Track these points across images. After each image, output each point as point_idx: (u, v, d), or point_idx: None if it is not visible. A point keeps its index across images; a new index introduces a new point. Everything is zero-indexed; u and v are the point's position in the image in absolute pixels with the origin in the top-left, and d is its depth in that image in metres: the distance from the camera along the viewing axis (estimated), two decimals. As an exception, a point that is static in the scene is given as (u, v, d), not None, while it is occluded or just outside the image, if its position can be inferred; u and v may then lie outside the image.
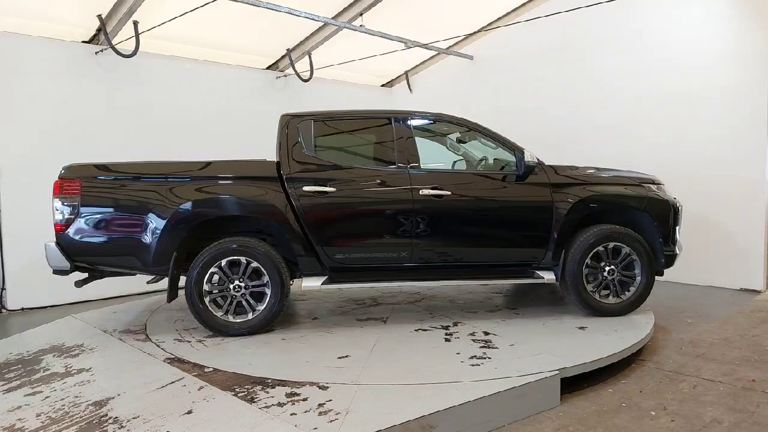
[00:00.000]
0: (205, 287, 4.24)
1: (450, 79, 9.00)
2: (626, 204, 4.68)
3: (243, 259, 4.26)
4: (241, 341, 4.18)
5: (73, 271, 4.34)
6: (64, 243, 4.22)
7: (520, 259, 4.65)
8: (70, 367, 3.77)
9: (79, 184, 4.23)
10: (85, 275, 4.53)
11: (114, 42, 6.21)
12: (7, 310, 5.79)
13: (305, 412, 2.94)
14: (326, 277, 4.43)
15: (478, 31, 8.24)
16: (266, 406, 3.01)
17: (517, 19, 7.84)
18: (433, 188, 4.45)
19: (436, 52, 8.69)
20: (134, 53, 6.34)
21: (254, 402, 3.07)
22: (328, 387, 3.25)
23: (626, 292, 4.63)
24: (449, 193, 4.46)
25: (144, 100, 6.70)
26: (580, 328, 4.31)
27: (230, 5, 6.03)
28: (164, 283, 4.43)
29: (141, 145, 6.58)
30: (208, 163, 4.42)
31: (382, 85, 9.70)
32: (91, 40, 6.37)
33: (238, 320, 4.28)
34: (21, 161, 5.83)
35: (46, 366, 3.83)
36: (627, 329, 4.25)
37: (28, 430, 2.91)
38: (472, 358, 3.68)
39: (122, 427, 2.87)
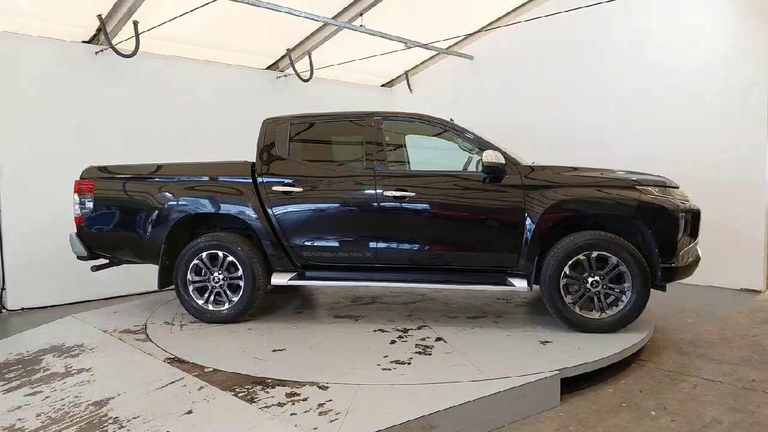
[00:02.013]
0: (189, 277, 4.69)
1: (450, 79, 9.00)
2: (607, 208, 4.21)
3: (220, 253, 4.64)
4: (213, 328, 4.57)
5: (91, 258, 4.94)
6: (81, 233, 4.87)
7: (491, 264, 4.42)
8: (70, 367, 3.77)
9: (92, 184, 4.86)
10: (104, 261, 5.07)
11: (114, 42, 6.21)
12: (7, 310, 5.79)
13: (305, 412, 2.94)
14: (294, 273, 4.68)
15: (478, 31, 8.24)
16: (266, 406, 3.01)
17: (517, 19, 7.84)
18: (397, 189, 4.43)
19: (436, 52, 8.68)
20: (134, 53, 6.34)
21: (254, 402, 3.07)
22: (328, 387, 3.26)
23: (613, 307, 4.18)
24: (413, 194, 4.41)
25: (144, 100, 6.70)
26: (542, 342, 4.00)
27: (230, 5, 6.03)
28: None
29: (141, 145, 6.58)
30: (192, 164, 4.89)
31: (382, 85, 9.70)
32: (91, 40, 6.37)
33: (216, 308, 4.69)
34: (21, 161, 5.83)
35: (46, 366, 3.83)
36: (591, 348, 3.83)
37: (28, 430, 2.91)
38: (392, 362, 3.66)
39: (122, 427, 2.87)
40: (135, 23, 6.19)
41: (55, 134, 6.05)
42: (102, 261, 5.06)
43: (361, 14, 7.11)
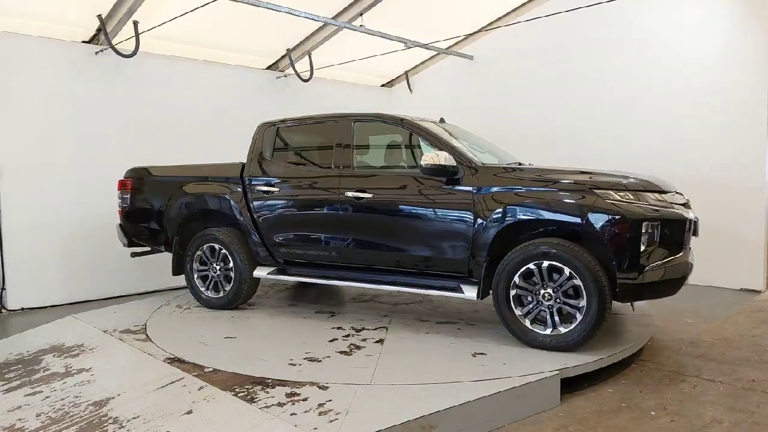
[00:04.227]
0: (194, 266, 5.28)
1: (450, 79, 8.99)
2: (554, 214, 3.84)
3: (216, 246, 5.15)
4: (199, 313, 5.13)
5: (131, 245, 5.69)
6: (122, 225, 5.65)
7: (443, 269, 4.28)
8: (70, 367, 3.77)
9: (131, 182, 5.59)
10: (145, 249, 5.75)
11: (114, 42, 6.20)
12: (7, 310, 5.79)
13: (305, 412, 2.94)
14: (274, 268, 5.00)
15: (478, 31, 8.24)
16: (266, 406, 3.02)
17: (517, 19, 7.84)
18: (357, 190, 4.50)
19: (436, 52, 8.68)
20: (134, 53, 6.33)
21: (254, 402, 3.08)
22: (328, 387, 3.26)
23: (567, 324, 3.75)
24: (370, 195, 4.45)
25: (144, 100, 6.69)
26: (473, 354, 3.81)
27: (230, 5, 6.02)
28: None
29: (141, 146, 6.57)
30: (195, 166, 5.47)
31: (382, 85, 9.69)
32: (91, 40, 6.36)
33: (212, 296, 5.22)
34: (21, 161, 5.83)
35: (46, 366, 3.83)
36: (520, 364, 3.57)
37: (28, 430, 2.91)
38: (306, 359, 3.79)
39: (122, 427, 2.87)
40: (135, 23, 6.19)
41: (55, 134, 6.05)
42: (141, 249, 5.74)
43: (361, 14, 7.11)
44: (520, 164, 4.63)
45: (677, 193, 4.16)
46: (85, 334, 4.54)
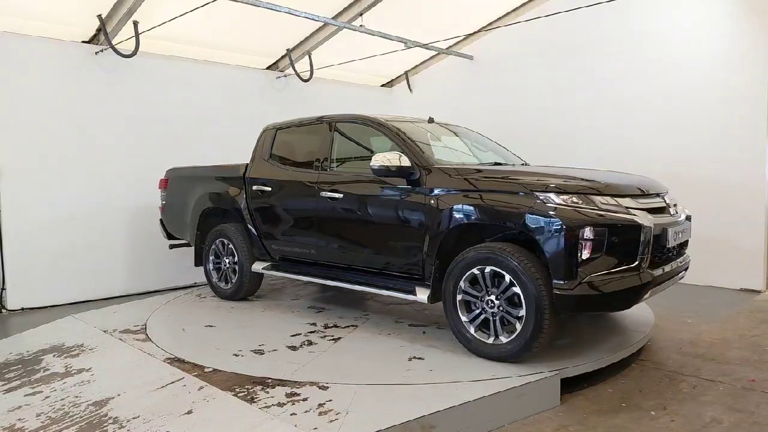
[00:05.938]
0: (210, 258, 5.75)
1: (450, 79, 8.99)
2: (492, 219, 3.73)
3: (225, 241, 5.57)
4: (205, 301, 5.62)
5: (169, 238, 6.21)
6: (161, 219, 6.19)
7: (400, 270, 4.28)
8: (70, 367, 3.77)
9: (167, 181, 6.11)
10: (182, 241, 6.21)
11: (114, 42, 6.20)
12: (7, 310, 5.78)
13: (305, 412, 2.95)
14: (268, 263, 5.28)
15: (478, 31, 8.24)
16: (266, 406, 3.02)
17: (517, 19, 7.83)
18: (331, 191, 4.61)
19: (436, 52, 8.67)
20: (134, 53, 6.33)
21: (254, 402, 3.08)
22: (328, 387, 3.26)
23: (507, 334, 3.58)
24: (341, 196, 4.55)
25: (144, 100, 6.69)
26: (410, 359, 3.75)
27: (230, 5, 6.02)
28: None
29: (141, 145, 6.57)
30: (209, 167, 5.84)
31: (382, 85, 9.69)
32: (91, 40, 6.36)
33: (224, 287, 5.67)
34: (21, 161, 5.82)
35: (46, 366, 3.84)
36: (447, 372, 3.47)
37: (28, 430, 2.91)
38: (254, 351, 3.96)
39: (122, 427, 2.87)
40: (135, 23, 6.18)
41: (55, 134, 6.04)
42: (179, 241, 6.21)
43: (361, 14, 7.10)
44: (497, 163, 4.60)
45: (658, 195, 3.94)
46: (85, 334, 4.55)
